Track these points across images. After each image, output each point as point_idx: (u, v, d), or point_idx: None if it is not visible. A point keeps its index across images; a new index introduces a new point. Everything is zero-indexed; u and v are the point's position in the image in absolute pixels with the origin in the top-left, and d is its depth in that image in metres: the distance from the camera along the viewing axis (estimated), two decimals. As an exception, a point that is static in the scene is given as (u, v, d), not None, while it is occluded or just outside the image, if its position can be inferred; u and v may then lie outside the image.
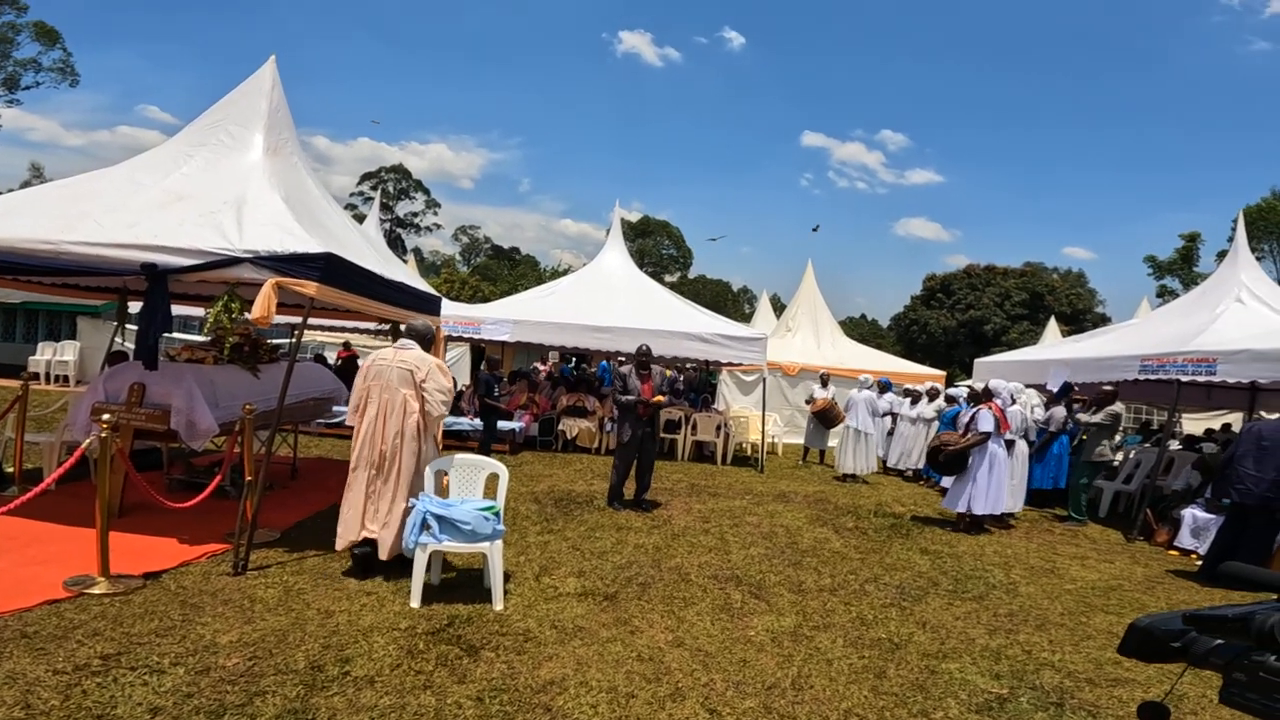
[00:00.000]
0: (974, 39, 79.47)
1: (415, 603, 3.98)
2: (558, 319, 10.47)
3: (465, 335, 10.75)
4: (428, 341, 4.68)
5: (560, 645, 3.63)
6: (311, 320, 10.25)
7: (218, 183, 5.06)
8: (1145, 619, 1.15)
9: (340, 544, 4.38)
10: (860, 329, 50.82)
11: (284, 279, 4.38)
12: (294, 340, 5.16)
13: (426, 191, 58.79)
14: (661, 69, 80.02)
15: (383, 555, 4.31)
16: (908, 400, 10.96)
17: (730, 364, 12.08)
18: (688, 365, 16.73)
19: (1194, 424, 13.04)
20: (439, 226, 60.55)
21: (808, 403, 11.48)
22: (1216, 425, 12.18)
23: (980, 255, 66.51)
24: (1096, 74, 72.79)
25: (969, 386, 8.72)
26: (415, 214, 58.59)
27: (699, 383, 14.39)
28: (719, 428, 11.03)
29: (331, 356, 14.17)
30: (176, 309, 7.67)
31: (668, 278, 60.44)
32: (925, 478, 10.29)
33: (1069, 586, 5.38)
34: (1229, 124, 65.77)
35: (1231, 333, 7.48)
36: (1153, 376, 7.68)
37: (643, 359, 7.19)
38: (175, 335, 10.88)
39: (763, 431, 11.00)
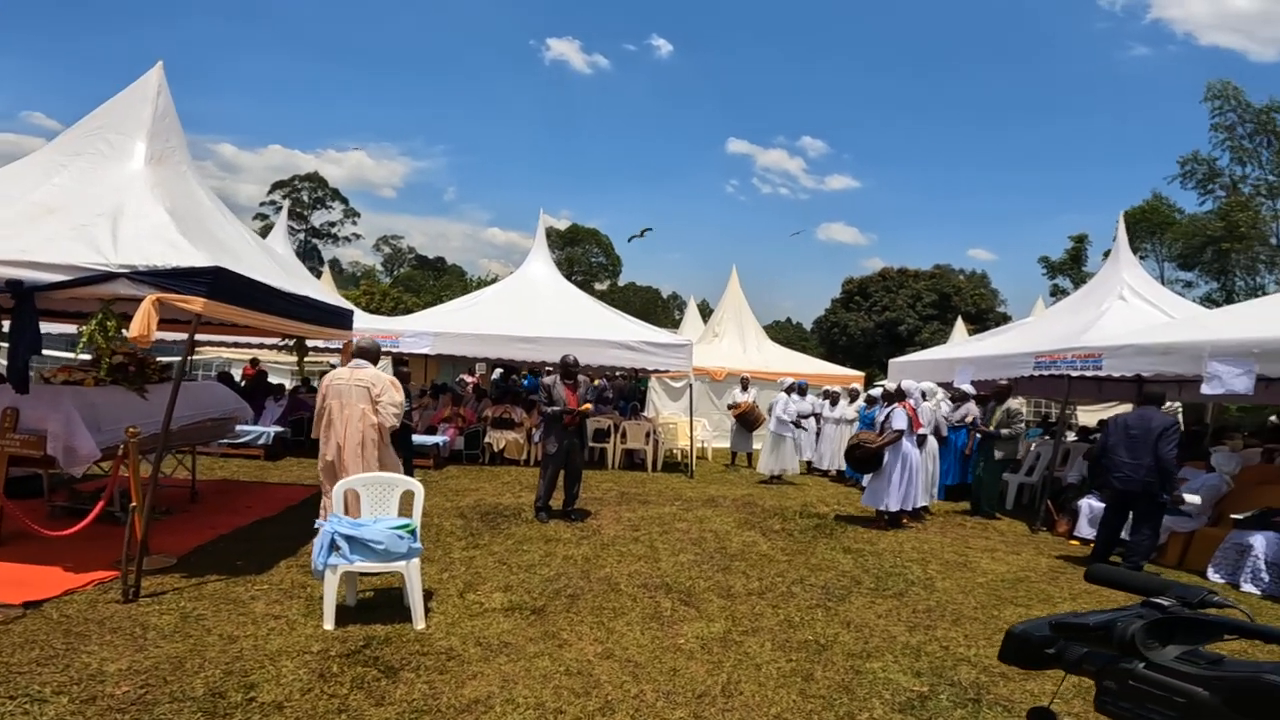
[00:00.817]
0: (886, 46, 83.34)
1: (328, 625, 3.78)
2: (481, 330, 10.27)
3: (384, 349, 10.35)
4: (377, 357, 5.26)
5: (485, 663, 3.51)
6: (217, 337, 9.89)
7: (93, 194, 4.70)
8: (1020, 626, 1.12)
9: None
10: (786, 332, 52.20)
11: (166, 295, 4.12)
12: (181, 359, 4.85)
13: (345, 201, 56.80)
14: (590, 76, 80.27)
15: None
16: (828, 402, 11.29)
17: (658, 371, 12.14)
18: (616, 373, 16.76)
19: (1089, 416, 13.98)
20: (359, 237, 58.61)
21: (730, 407, 11.67)
22: (1108, 416, 13.08)
23: (895, 258, 69.99)
24: (995, 80, 77.75)
25: (883, 386, 9.05)
26: (333, 224, 56.49)
27: (628, 390, 14.38)
28: (648, 435, 11.04)
29: (239, 374, 13.36)
30: (56, 328, 7.10)
31: (598, 286, 60.39)
32: (848, 477, 10.61)
33: (981, 580, 5.61)
34: (1114, 127, 70.84)
35: (1116, 329, 7.97)
36: (1046, 372, 8.11)
37: (567, 368, 7.10)
38: (54, 354, 9.97)
39: (691, 437, 11.08)
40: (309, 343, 7.07)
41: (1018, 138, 75.84)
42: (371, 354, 5.20)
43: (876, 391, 10.85)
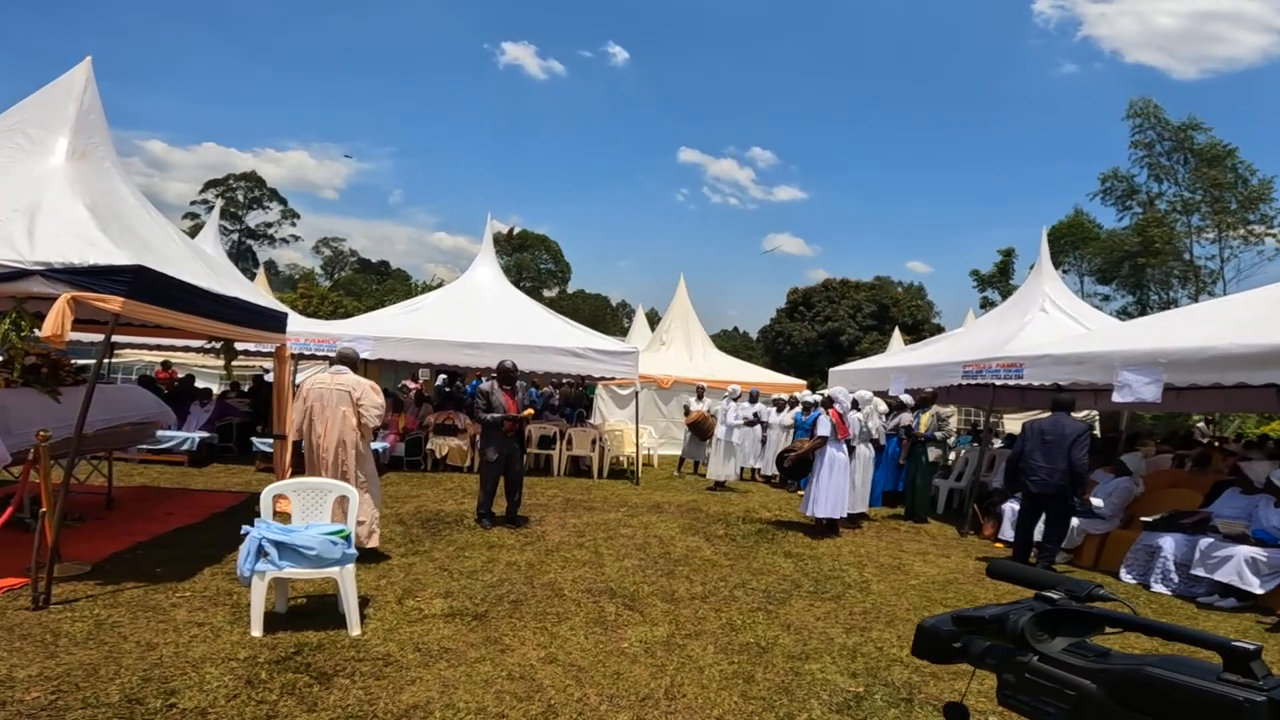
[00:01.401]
0: (836, 60, 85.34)
1: (256, 631, 3.64)
2: (422, 335, 10.07)
3: (319, 354, 10.03)
4: (356, 363, 5.53)
5: (425, 668, 3.43)
6: (139, 339, 9.38)
7: (9, 189, 4.49)
8: (929, 620, 1.13)
9: None
10: (733, 341, 52.92)
11: (83, 294, 3.95)
12: (97, 360, 4.63)
13: (283, 201, 54.83)
14: (544, 82, 79.72)
15: (355, 546, 4.31)
16: (774, 409, 11.52)
17: (604, 378, 12.14)
18: (564, 380, 16.66)
19: (1014, 424, 14.62)
20: (297, 238, 56.71)
21: (685, 414, 11.77)
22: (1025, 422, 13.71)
23: (838, 269, 71.21)
24: (936, 95, 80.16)
25: (820, 395, 9.28)
26: (269, 225, 54.42)
27: (575, 398, 14.33)
28: (594, 442, 11.02)
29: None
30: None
31: (546, 293, 59.98)
32: (791, 483, 10.83)
33: (914, 582, 5.79)
34: (1045, 142, 73.50)
35: (1036, 339, 8.33)
36: (973, 381, 8.46)
37: (506, 374, 7.02)
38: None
39: (637, 444, 11.11)
40: (239, 346, 6.79)
41: (955, 152, 78.80)
42: (350, 360, 5.50)
43: (814, 398, 11.14)
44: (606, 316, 59.25)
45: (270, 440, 7.77)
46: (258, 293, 6.72)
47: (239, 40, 78.21)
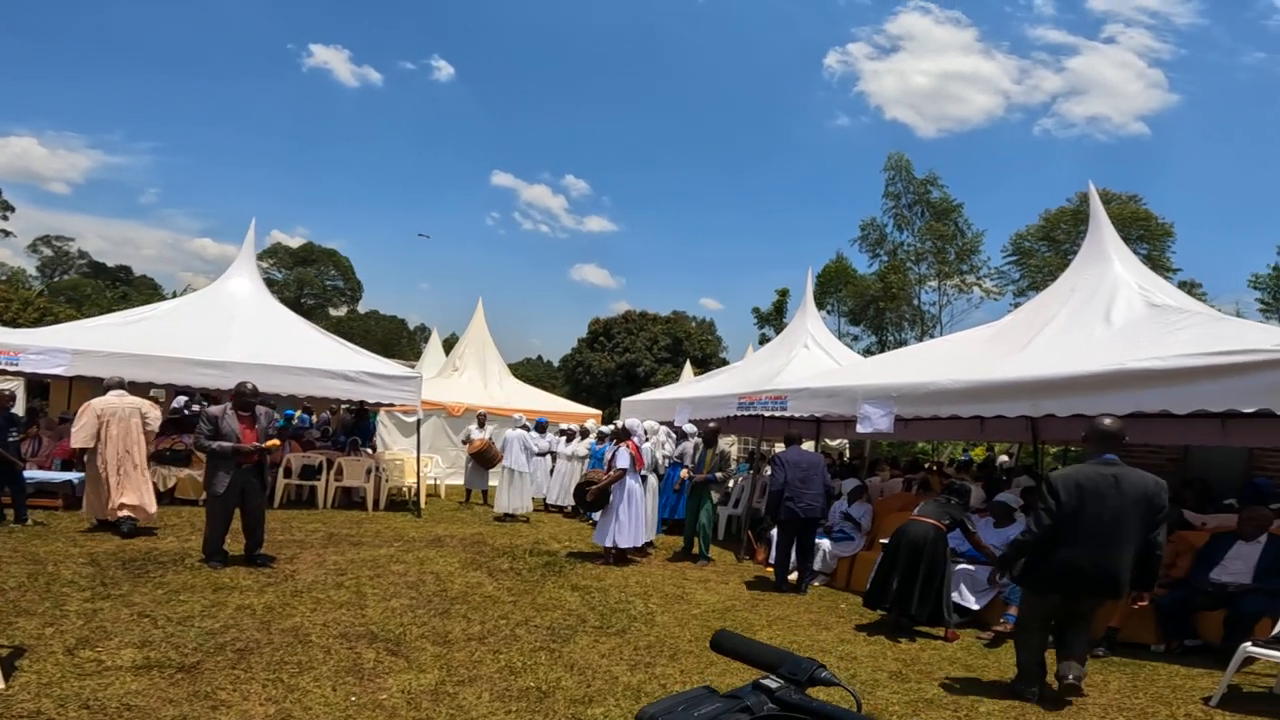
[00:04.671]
0: (653, 95, 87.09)
1: None
2: (143, 350, 8.46)
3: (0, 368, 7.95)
4: (122, 385, 7.29)
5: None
6: None
7: None
8: (649, 710, 1.03)
9: (96, 516, 6.90)
10: (536, 370, 52.36)
11: None
12: None
13: (-8, 191, 44.58)
14: (356, 89, 73.21)
15: (143, 521, 6.93)
16: (563, 439, 11.32)
17: (385, 404, 11.12)
18: (342, 406, 15.10)
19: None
20: (8, 234, 46.58)
21: (464, 443, 11.13)
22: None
23: (639, 302, 73.24)
24: (735, 139, 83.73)
25: (613, 425, 9.25)
26: (-32, 217, 43.77)
27: (351, 425, 12.95)
28: (369, 471, 9.94)
29: None
30: None
31: (333, 311, 55.02)
32: (581, 513, 10.63)
33: (695, 611, 5.81)
34: (820, 188, 78.64)
35: (799, 374, 9.03)
36: (746, 413, 8.96)
37: (243, 397, 6.07)
38: None
39: (418, 473, 10.23)
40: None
41: (747, 194, 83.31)
42: (116, 384, 7.17)
43: (607, 429, 11.17)
44: (403, 340, 55.72)
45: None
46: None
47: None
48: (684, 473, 8.59)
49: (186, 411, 12.26)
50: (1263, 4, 51.55)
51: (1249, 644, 3.89)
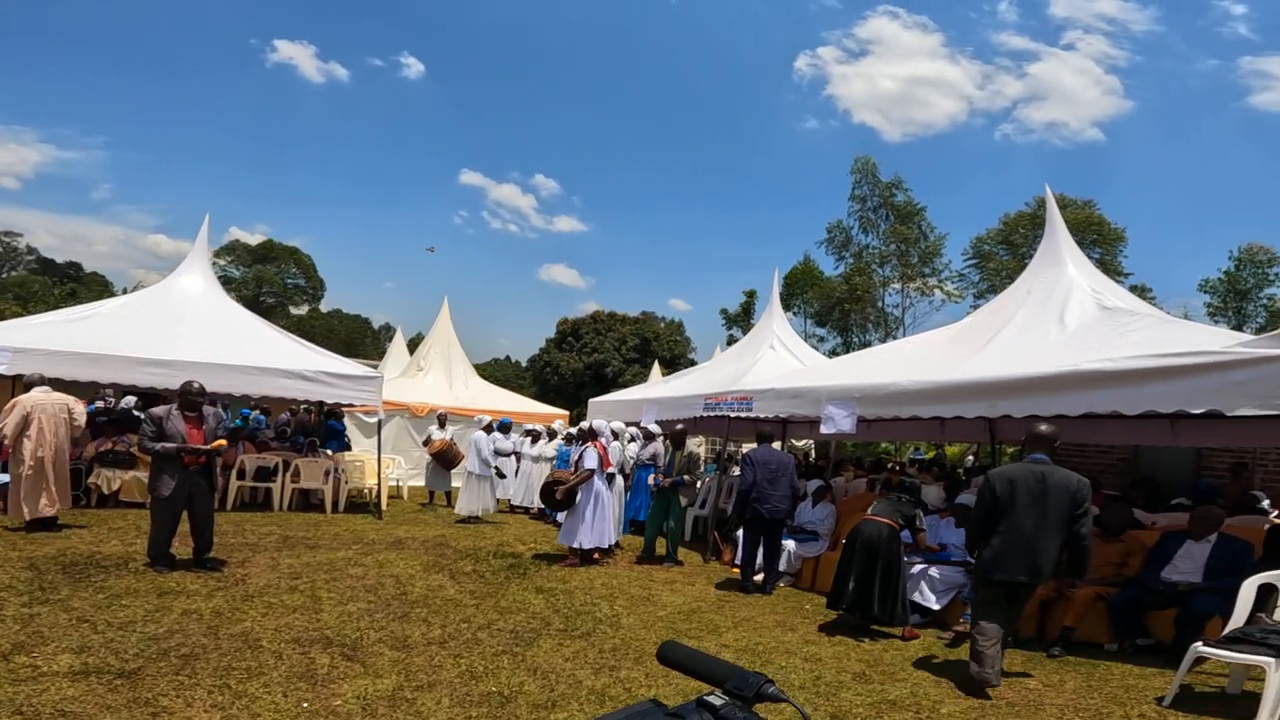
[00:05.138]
0: (622, 97, 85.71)
1: None
2: (89, 349, 8.17)
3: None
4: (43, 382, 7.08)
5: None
6: None
7: None
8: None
9: (26, 516, 6.60)
10: (504, 370, 51.80)
11: None
12: None
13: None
14: (322, 85, 71.04)
15: (60, 518, 6.92)
16: (529, 439, 11.19)
17: (345, 405, 10.87)
18: (302, 406, 14.73)
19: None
20: (-50, 228, 44.91)
21: (425, 444, 10.93)
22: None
23: (608, 302, 72.51)
24: (706, 142, 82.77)
25: (579, 426, 9.16)
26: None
27: (310, 425, 12.63)
28: (328, 473, 9.69)
29: None
30: None
31: (294, 310, 53.73)
32: (548, 515, 10.51)
33: (661, 613, 5.75)
34: (788, 190, 78.39)
35: (765, 375, 9.05)
36: (712, 413, 8.94)
37: (189, 397, 5.88)
38: None
39: (379, 475, 10.01)
40: None
41: (716, 196, 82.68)
42: (38, 380, 7.04)
43: (574, 430, 11.08)
44: (367, 339, 54.66)
45: None
46: None
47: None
48: (651, 479, 8.44)
49: (137, 412, 11.83)
50: (1217, 11, 52.76)
51: (1200, 644, 3.96)
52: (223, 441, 6.00)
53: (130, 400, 12.83)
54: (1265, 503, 7.47)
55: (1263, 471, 8.95)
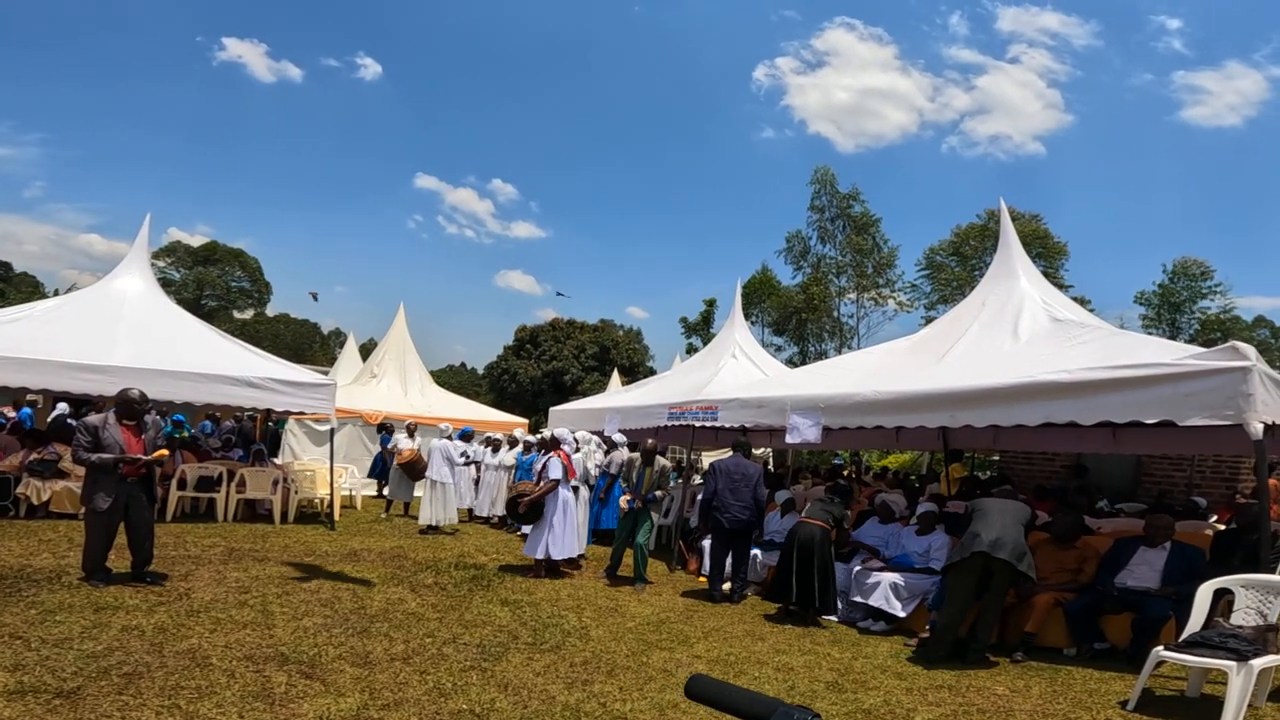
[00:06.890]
0: (581, 103, 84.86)
1: None
2: (17, 353, 7.77)
3: None
4: None
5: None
6: None
7: None
8: None
9: None
10: (460, 377, 50.79)
11: None
12: None
13: None
14: (272, 85, 68.42)
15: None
16: (489, 449, 10.97)
17: (294, 412, 10.46)
18: (245, 414, 14.14)
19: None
20: None
21: (393, 453, 10.59)
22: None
23: (566, 309, 71.48)
24: (666, 149, 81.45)
25: (540, 435, 8.97)
26: None
27: (252, 434, 12.12)
28: (276, 483, 9.29)
29: None
30: None
31: (238, 314, 51.83)
32: (509, 524, 10.28)
33: (630, 625, 5.65)
34: (746, 199, 77.51)
35: (728, 384, 9.06)
36: (676, 423, 8.89)
37: (129, 405, 5.59)
38: None
39: (332, 484, 9.64)
40: None
41: (674, 204, 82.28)
42: None
43: (534, 438, 10.88)
44: (315, 345, 53.01)
45: None
46: None
47: None
48: (624, 500, 8.07)
49: (70, 420, 11.15)
50: (1153, 26, 54.34)
51: (1160, 648, 4.06)
52: (164, 451, 5.70)
53: (63, 408, 12.10)
54: (1204, 506, 7.84)
55: (1200, 477, 9.40)
